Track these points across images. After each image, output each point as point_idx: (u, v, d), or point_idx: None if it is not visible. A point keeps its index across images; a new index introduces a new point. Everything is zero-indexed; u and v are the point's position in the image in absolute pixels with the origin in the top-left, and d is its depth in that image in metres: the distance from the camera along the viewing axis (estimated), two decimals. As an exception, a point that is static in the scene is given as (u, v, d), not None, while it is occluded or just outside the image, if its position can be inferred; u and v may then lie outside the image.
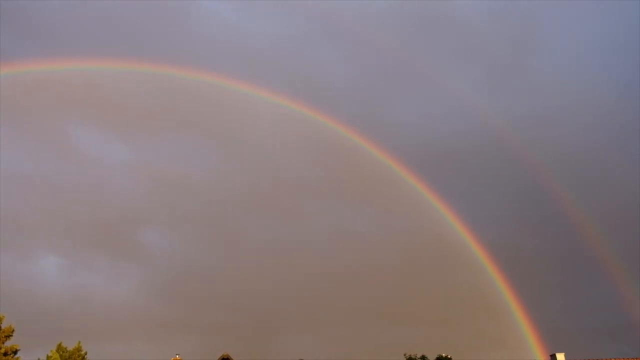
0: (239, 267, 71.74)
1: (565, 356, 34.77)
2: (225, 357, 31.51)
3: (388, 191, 66.37)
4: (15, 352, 28.06)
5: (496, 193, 75.19)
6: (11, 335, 27.95)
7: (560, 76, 75.41)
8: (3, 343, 27.52)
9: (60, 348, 31.09)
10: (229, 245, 74.23)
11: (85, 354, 31.89)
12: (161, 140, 77.18)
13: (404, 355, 30.00)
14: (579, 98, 73.27)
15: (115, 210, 73.04)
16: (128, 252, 73.87)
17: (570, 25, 79.59)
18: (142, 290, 69.72)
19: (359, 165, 65.91)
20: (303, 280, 68.53)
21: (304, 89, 69.92)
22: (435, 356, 29.71)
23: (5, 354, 27.34)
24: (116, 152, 77.11)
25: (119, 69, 57.84)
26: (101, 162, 76.42)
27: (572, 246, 62.58)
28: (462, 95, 67.00)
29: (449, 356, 29.99)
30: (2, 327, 27.73)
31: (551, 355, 35.49)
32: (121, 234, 74.37)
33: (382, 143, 57.01)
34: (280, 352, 55.33)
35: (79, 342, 32.06)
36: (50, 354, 30.28)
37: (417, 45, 72.90)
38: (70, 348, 31.46)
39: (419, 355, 29.71)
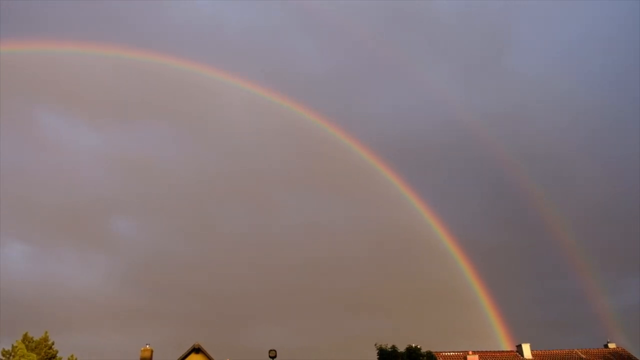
0: (210, 257, 71.40)
1: (531, 346, 35.94)
2: (197, 346, 31.37)
3: (361, 184, 67.00)
4: (-21, 342, 27.40)
5: (468, 188, 76.77)
6: (-25, 325, 27.28)
7: (535, 76, 77.28)
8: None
9: (26, 338, 30.39)
10: (201, 235, 73.78)
11: (53, 344, 31.28)
12: (133, 128, 75.97)
13: (375, 345, 30.21)
14: (553, 98, 75.28)
15: (84, 198, 71.76)
16: (97, 241, 72.76)
17: (546, 26, 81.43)
18: (112, 280, 68.77)
19: (332, 157, 66.19)
20: (274, 271, 68.70)
21: (279, 79, 69.71)
22: (405, 346, 30.02)
23: (-32, 344, 26.61)
24: (86, 139, 75.58)
25: (90, 53, 56.48)
26: (70, 148, 74.87)
27: (539, 241, 64.47)
28: (438, 91, 67.94)
29: (418, 346, 30.35)
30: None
31: (517, 346, 36.59)
32: (90, 222, 73.14)
33: (357, 135, 57.38)
34: (251, 342, 55.48)
35: (46, 332, 31.59)
36: (15, 344, 29.47)
37: (395, 41, 73.40)
38: (36, 338, 30.84)
39: (389, 346, 29.95)
